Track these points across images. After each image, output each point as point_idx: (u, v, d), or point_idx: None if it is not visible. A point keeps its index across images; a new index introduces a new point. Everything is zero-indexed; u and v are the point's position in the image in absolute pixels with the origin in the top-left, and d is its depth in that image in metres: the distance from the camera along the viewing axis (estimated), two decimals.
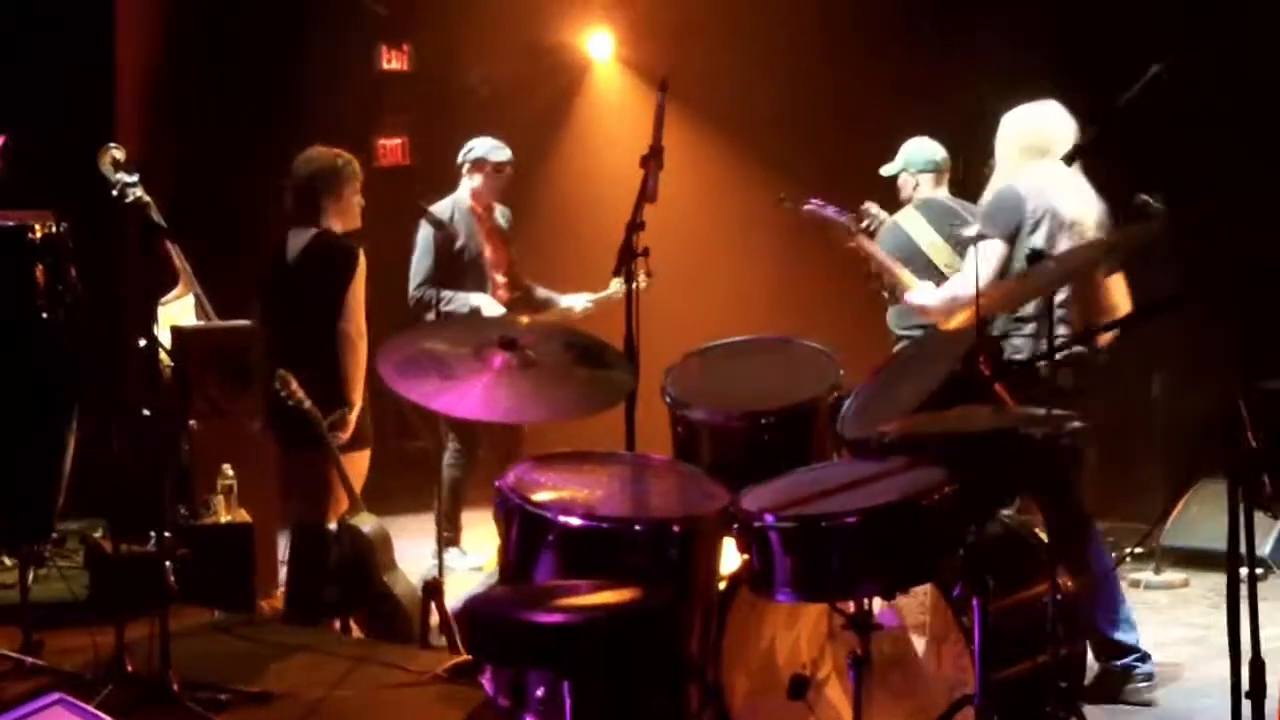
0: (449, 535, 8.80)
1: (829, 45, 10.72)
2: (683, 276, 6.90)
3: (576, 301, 9.27)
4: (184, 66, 10.77)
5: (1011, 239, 6.38)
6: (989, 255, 6.36)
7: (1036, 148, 6.54)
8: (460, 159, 9.21)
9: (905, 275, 7.35)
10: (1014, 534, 5.43)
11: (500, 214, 9.14)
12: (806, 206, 7.56)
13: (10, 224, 5.61)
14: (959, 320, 5.35)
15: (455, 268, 8.74)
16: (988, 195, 6.62)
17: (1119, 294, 6.51)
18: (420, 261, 8.79)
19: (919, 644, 5.40)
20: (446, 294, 8.44)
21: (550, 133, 11.96)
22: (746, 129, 11.17)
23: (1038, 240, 6.29)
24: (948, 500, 4.53)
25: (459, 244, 8.82)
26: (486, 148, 9.20)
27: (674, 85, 5.72)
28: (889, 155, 8.37)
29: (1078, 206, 6.43)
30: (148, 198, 7.75)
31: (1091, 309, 6.37)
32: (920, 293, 7.10)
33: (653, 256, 5.52)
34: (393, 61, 11.90)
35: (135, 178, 7.79)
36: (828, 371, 5.55)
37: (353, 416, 7.16)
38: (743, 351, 5.93)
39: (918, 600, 5.25)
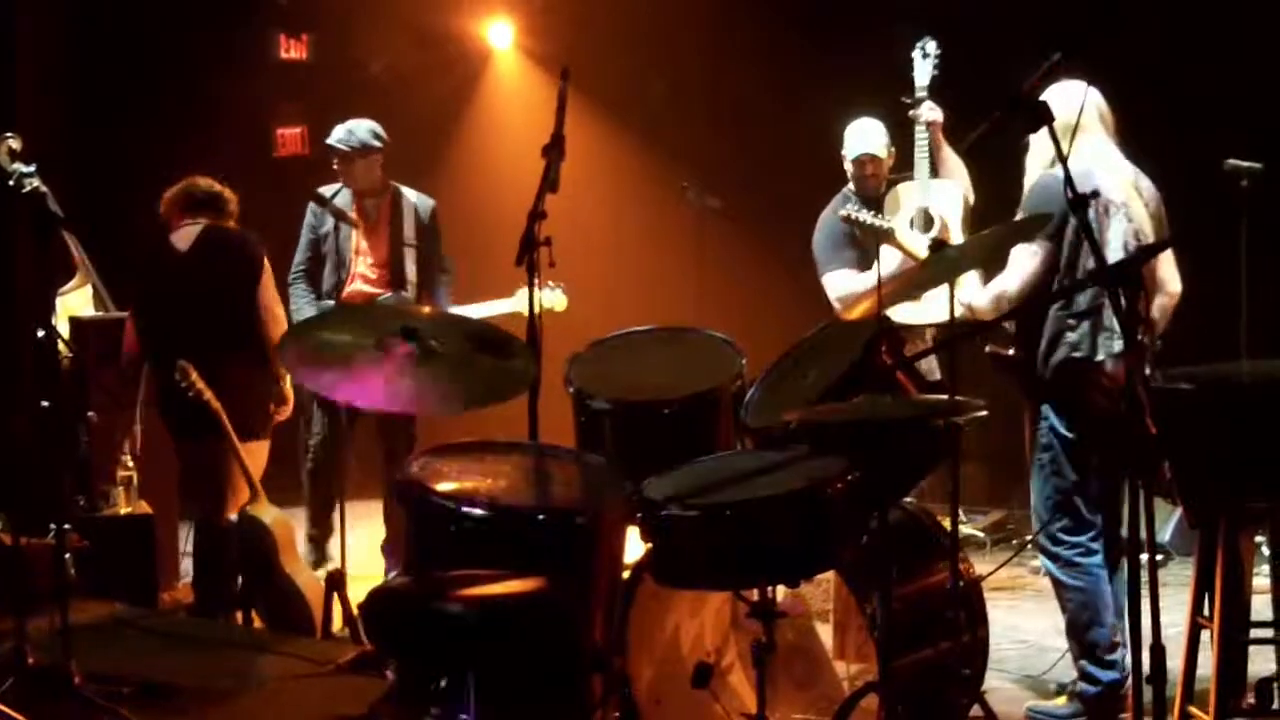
0: (315, 533, 8.66)
1: (727, 34, 10.77)
2: (585, 266, 6.90)
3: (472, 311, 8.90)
4: (83, 55, 10.68)
5: (1060, 232, 6.01)
6: (1031, 250, 6.04)
7: (1068, 127, 6.19)
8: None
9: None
10: (916, 522, 5.48)
11: (409, 205, 8.77)
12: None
13: None
14: (862, 309, 5.38)
15: (316, 253, 8.56)
16: (1027, 194, 6.19)
17: (1168, 269, 6.22)
18: (298, 252, 8.63)
19: (822, 632, 5.45)
20: (296, 298, 8.38)
21: (451, 122, 11.93)
22: (647, 118, 11.20)
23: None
24: (850, 488, 4.57)
25: (324, 229, 8.56)
26: (333, 134, 8.70)
27: (575, 74, 5.72)
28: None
29: (1125, 187, 6.19)
30: (45, 188, 7.67)
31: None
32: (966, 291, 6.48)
33: (555, 245, 5.51)
34: (291, 51, 11.80)
35: (32, 168, 7.71)
36: (730, 361, 5.58)
37: (288, 387, 7.19)
38: (645, 341, 5.95)
39: (821, 588, 5.30)
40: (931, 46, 7.85)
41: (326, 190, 8.37)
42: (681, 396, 5.41)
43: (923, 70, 7.86)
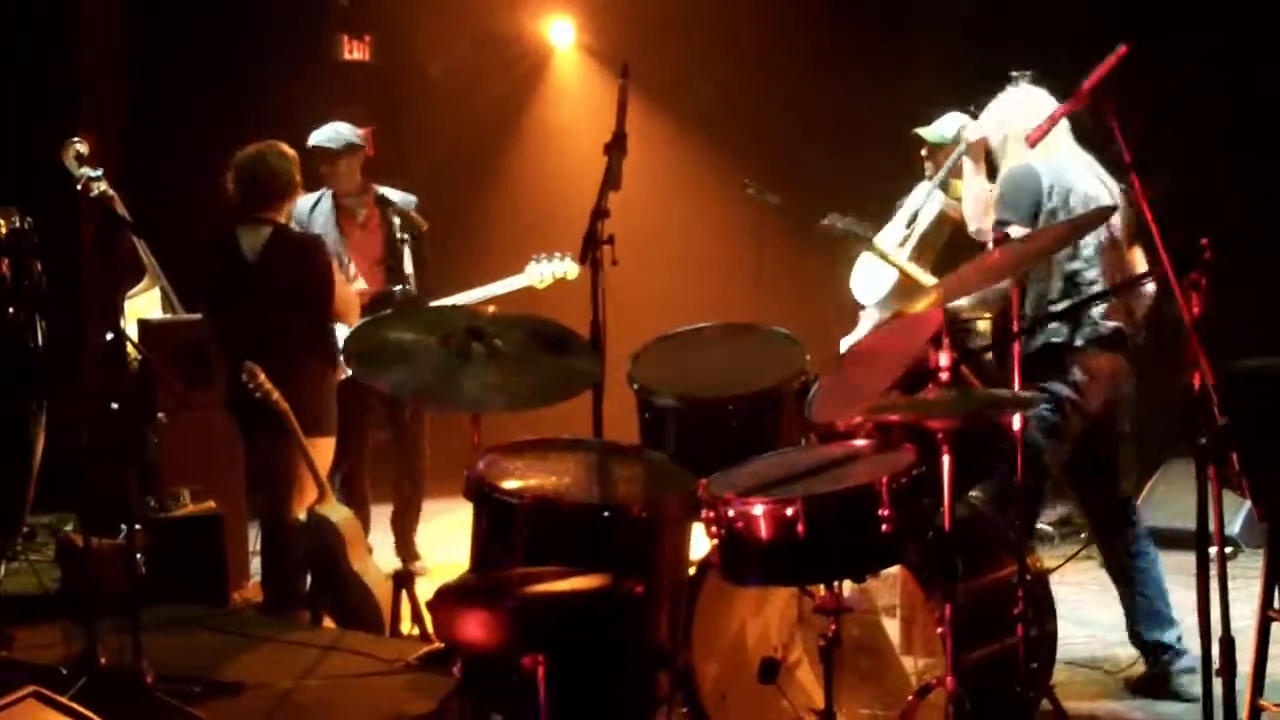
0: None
1: (788, 29, 10.76)
2: (648, 263, 6.91)
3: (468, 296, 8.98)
4: (145, 58, 10.75)
5: (1034, 221, 6.15)
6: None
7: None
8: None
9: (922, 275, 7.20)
10: (982, 516, 5.46)
11: (395, 206, 8.78)
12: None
13: None
14: (925, 304, 5.36)
15: None
16: (1001, 181, 6.36)
17: (1141, 267, 6.35)
18: None
19: (889, 627, 5.44)
20: None
21: (512, 120, 11.97)
22: (708, 114, 11.20)
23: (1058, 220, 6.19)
24: (916, 483, 4.56)
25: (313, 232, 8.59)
26: (318, 134, 8.77)
27: (636, 72, 5.72)
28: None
29: (1094, 184, 6.27)
30: (112, 191, 7.73)
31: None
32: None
33: (617, 243, 5.52)
34: (354, 52, 11.88)
35: (99, 172, 7.77)
36: (793, 356, 5.58)
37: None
38: (709, 337, 5.95)
39: (887, 583, 5.29)
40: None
41: (307, 199, 8.42)
42: (745, 393, 5.41)
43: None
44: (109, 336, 6.03)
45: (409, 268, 8.53)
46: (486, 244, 10.93)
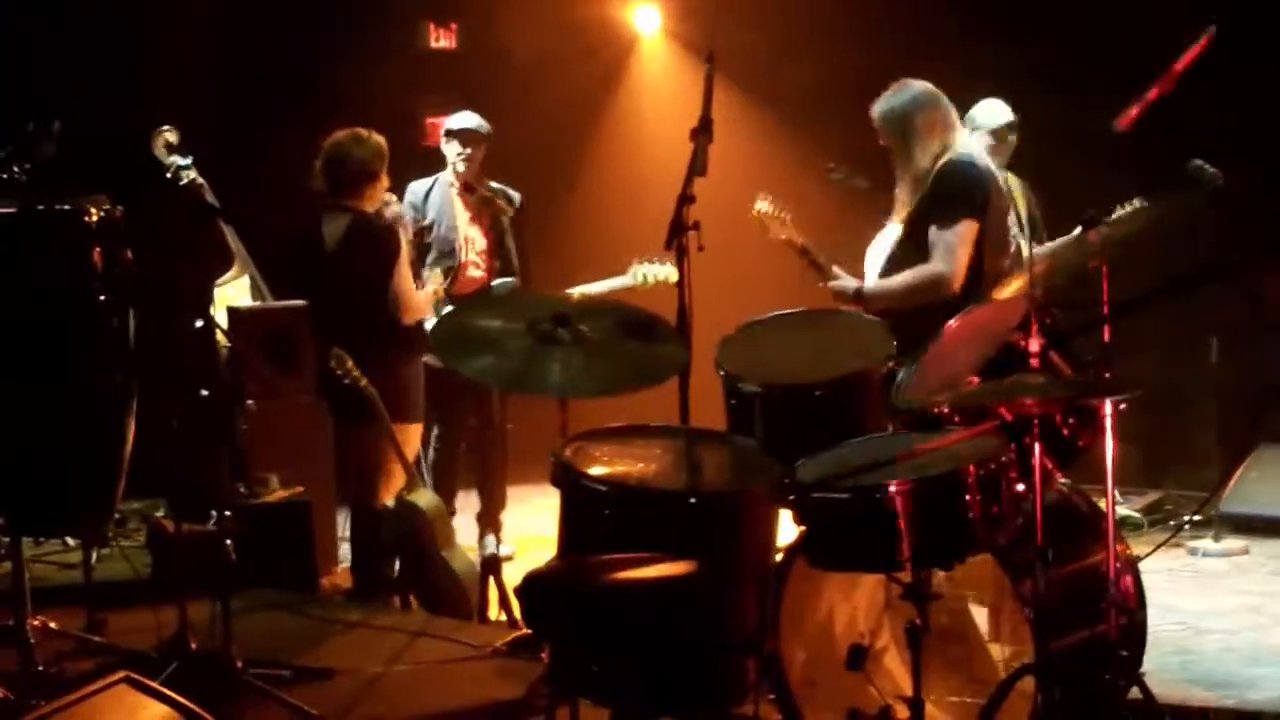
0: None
1: (873, 12, 10.71)
2: (734, 248, 6.88)
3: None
4: (232, 47, 10.82)
5: (983, 212, 6.32)
6: (962, 235, 6.27)
7: (951, 123, 6.52)
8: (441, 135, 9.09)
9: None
10: (1071, 503, 5.43)
11: (500, 195, 8.89)
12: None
13: (66, 207, 5.64)
14: (1011, 289, 5.34)
15: (420, 244, 8.70)
16: (944, 175, 6.39)
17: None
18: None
19: (977, 614, 5.41)
20: None
21: (598, 107, 11.97)
22: (795, 99, 11.16)
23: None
24: (1004, 469, 4.54)
25: (427, 220, 8.74)
26: (455, 119, 8.98)
27: (721, 57, 5.71)
28: None
29: (1000, 174, 6.41)
30: (201, 180, 7.80)
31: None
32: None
33: (704, 229, 5.51)
34: (440, 39, 11.91)
35: (189, 160, 7.83)
36: (881, 342, 5.55)
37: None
38: (796, 323, 5.93)
39: (975, 570, 5.26)
40: None
41: (422, 184, 8.54)
42: (832, 378, 5.38)
43: None
44: (199, 324, 6.08)
45: (515, 260, 8.63)
46: (571, 231, 10.97)
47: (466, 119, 8.87)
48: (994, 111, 8.20)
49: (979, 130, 8.10)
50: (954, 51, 10.12)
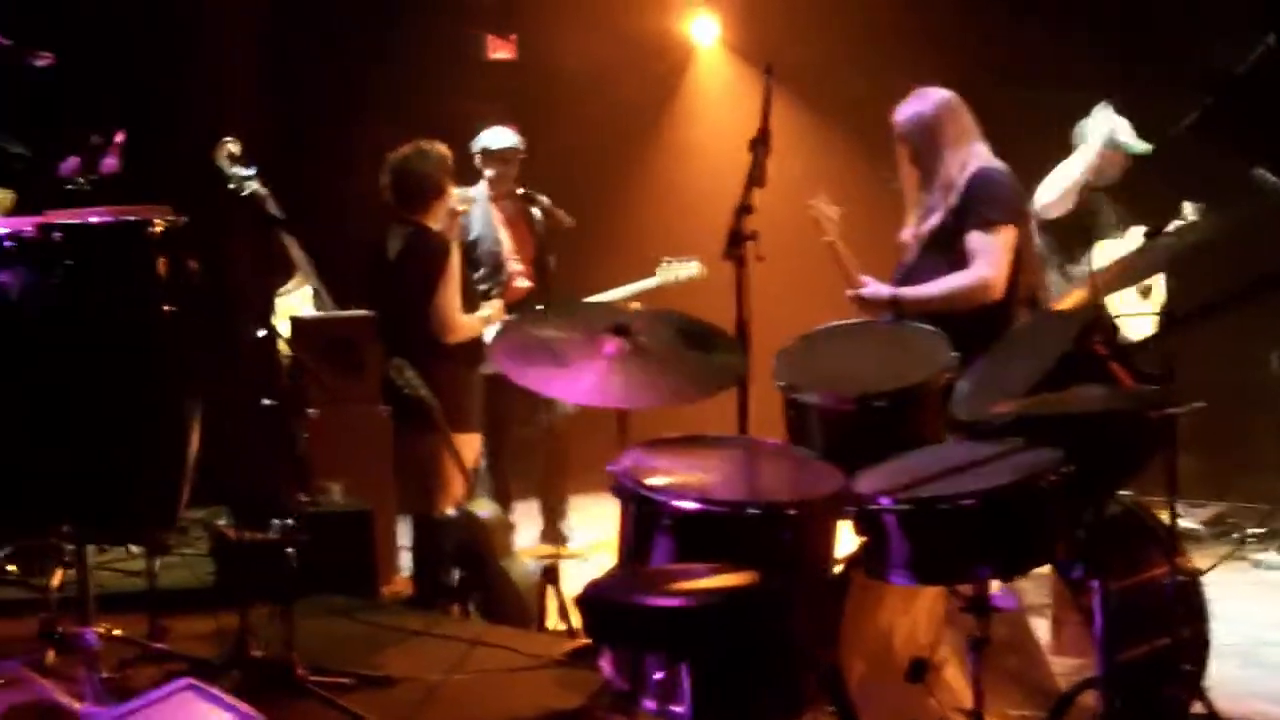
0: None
1: (931, 23, 10.70)
2: (792, 259, 6.88)
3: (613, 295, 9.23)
4: (291, 58, 10.88)
5: (1020, 221, 6.36)
6: (1005, 242, 6.31)
7: (975, 130, 6.53)
8: (473, 150, 9.20)
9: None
10: (1133, 515, 5.40)
11: (542, 207, 9.00)
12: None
13: (132, 218, 5.69)
14: (1074, 299, 5.33)
15: (469, 257, 8.79)
16: (981, 183, 6.42)
17: None
18: None
19: (1038, 627, 5.40)
20: None
21: (655, 118, 11.99)
22: (852, 110, 11.15)
23: None
24: (1065, 481, 4.52)
25: (473, 234, 8.85)
26: (488, 137, 9.16)
27: (780, 69, 5.73)
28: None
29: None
30: (264, 190, 7.84)
31: None
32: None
33: (762, 240, 5.53)
34: (499, 51, 11.96)
35: (252, 170, 7.86)
36: (940, 353, 5.53)
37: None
38: (854, 334, 5.93)
39: (1036, 583, 5.24)
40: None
41: (467, 192, 8.63)
42: (891, 389, 5.37)
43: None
44: (261, 333, 6.13)
45: (552, 270, 8.72)
46: (630, 241, 10.97)
47: (499, 137, 9.01)
48: (1111, 126, 8.25)
49: (1095, 143, 8.15)
50: (1014, 59, 10.12)
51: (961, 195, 6.36)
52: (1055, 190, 8.04)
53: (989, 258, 6.24)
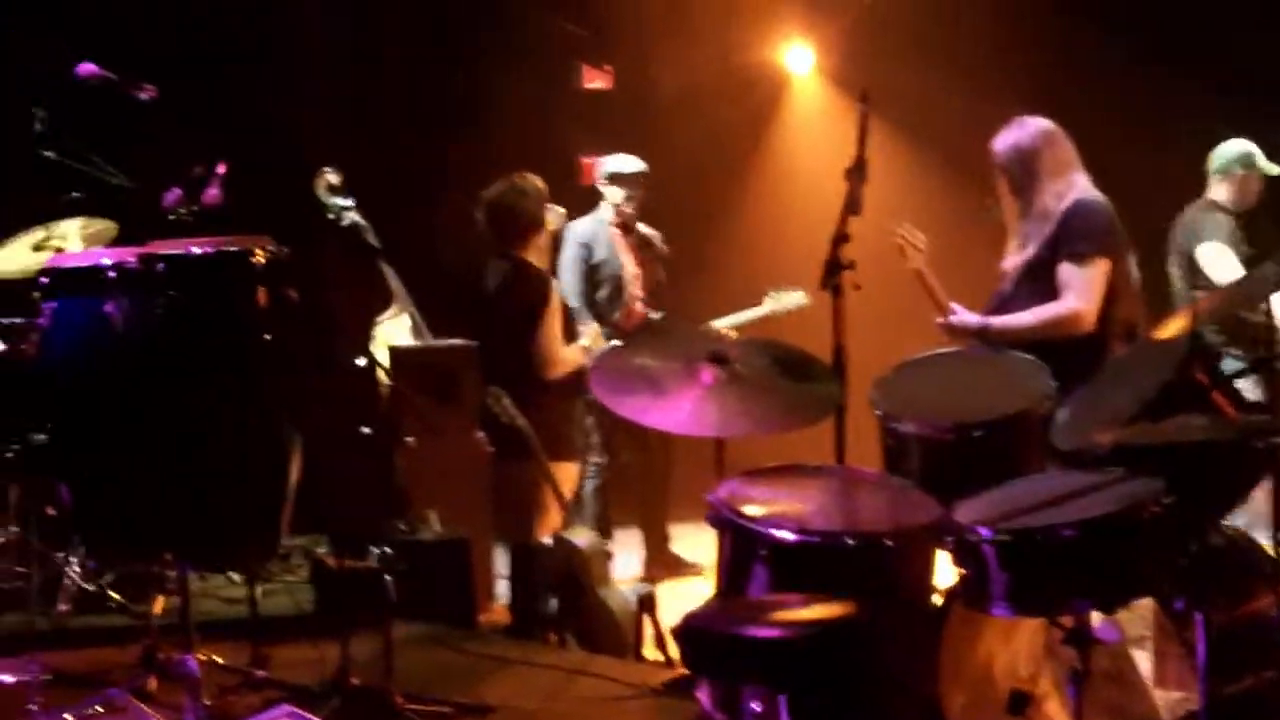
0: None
1: (1027, 51, 10.66)
2: (889, 288, 6.86)
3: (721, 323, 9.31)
4: (391, 89, 10.97)
5: (1116, 252, 6.28)
6: (1098, 273, 6.25)
7: (1073, 161, 6.47)
8: (597, 177, 9.35)
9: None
10: (1237, 545, 5.34)
11: (651, 234, 9.11)
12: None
13: (233, 249, 5.76)
14: (1175, 328, 5.28)
15: (593, 281, 8.90)
16: (1077, 214, 6.35)
17: None
18: (569, 280, 8.97)
19: (1140, 659, 5.35)
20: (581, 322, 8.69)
21: (750, 147, 11.99)
22: (949, 138, 11.11)
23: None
24: (1167, 511, 4.48)
25: (596, 259, 8.96)
26: (617, 162, 9.34)
27: (875, 96, 5.72)
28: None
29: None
30: (363, 221, 7.90)
31: None
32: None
33: (859, 268, 5.52)
34: (594, 80, 12.00)
35: (350, 201, 7.93)
36: (1039, 382, 5.50)
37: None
38: (952, 363, 5.91)
39: (1138, 614, 5.20)
40: None
41: (582, 225, 8.74)
42: (990, 419, 5.35)
43: None
44: (360, 362, 6.17)
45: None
46: (725, 270, 10.97)
47: (631, 162, 9.17)
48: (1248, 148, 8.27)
49: (1228, 171, 8.16)
50: (1112, 87, 10.06)
51: (1056, 226, 6.32)
52: (1223, 264, 8.05)
53: (1079, 290, 6.19)
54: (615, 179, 9.21)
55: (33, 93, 7.11)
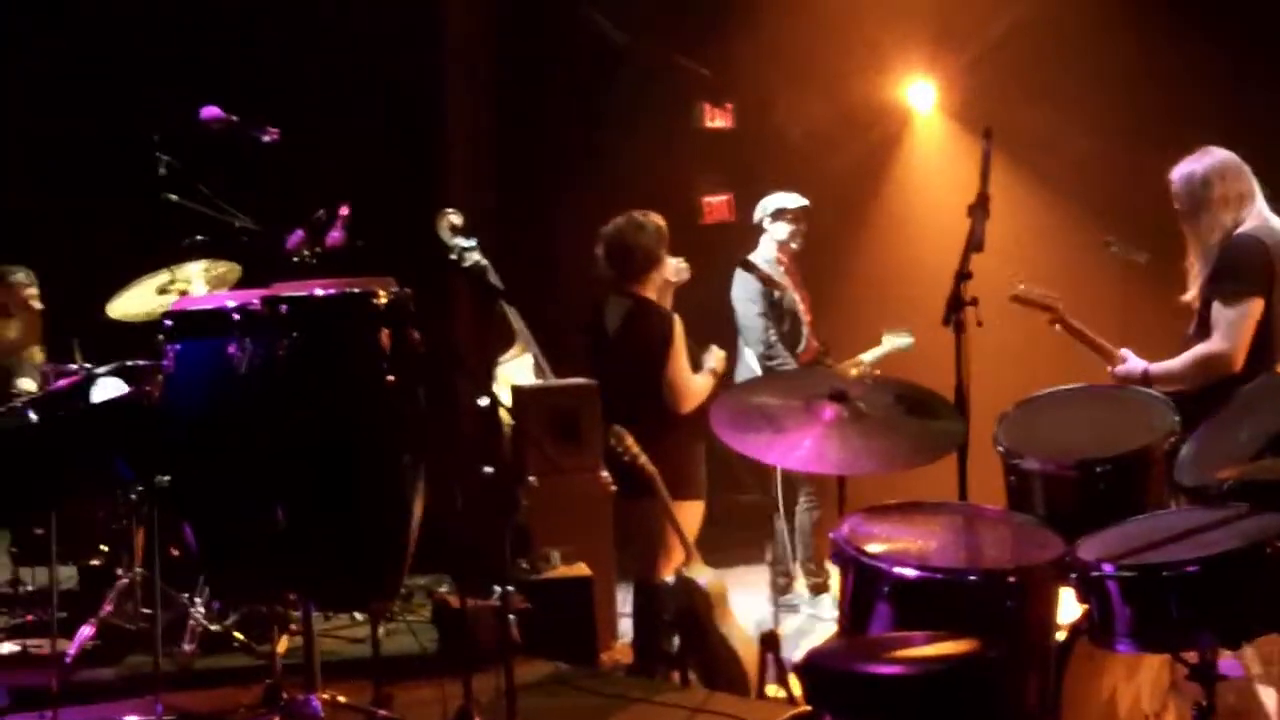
0: (784, 581, 9.09)
1: (1150, 85, 10.58)
2: (1010, 324, 6.84)
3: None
4: (511, 131, 11.07)
5: (1266, 291, 6.22)
6: (1245, 313, 6.20)
7: (1247, 196, 6.38)
8: (759, 215, 9.47)
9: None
10: None
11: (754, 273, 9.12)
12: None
13: (356, 290, 5.82)
14: None
15: (777, 313, 9.04)
16: (1228, 251, 6.32)
17: None
18: (753, 317, 9.07)
19: (1265, 695, 5.27)
20: (779, 356, 8.82)
21: (872, 185, 11.99)
22: (1070, 174, 11.06)
23: None
24: None
25: (777, 294, 9.08)
26: (781, 198, 9.60)
27: (997, 133, 5.71)
28: None
29: None
30: (485, 261, 7.97)
31: None
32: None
33: (981, 305, 5.51)
34: (716, 119, 12.03)
35: (473, 242, 8.01)
36: (1163, 418, 5.44)
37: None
38: (1076, 399, 5.85)
39: (1263, 650, 5.13)
40: None
41: (761, 259, 8.93)
42: (1114, 455, 5.30)
43: None
44: (483, 402, 6.22)
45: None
46: (850, 308, 10.96)
47: (794, 198, 9.57)
48: None
49: None
50: (1240, 122, 9.95)
51: (1214, 263, 6.28)
52: None
53: (1225, 330, 6.16)
54: (781, 214, 9.40)
55: (158, 136, 7.23)
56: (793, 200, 9.60)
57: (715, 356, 7.90)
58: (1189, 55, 10.41)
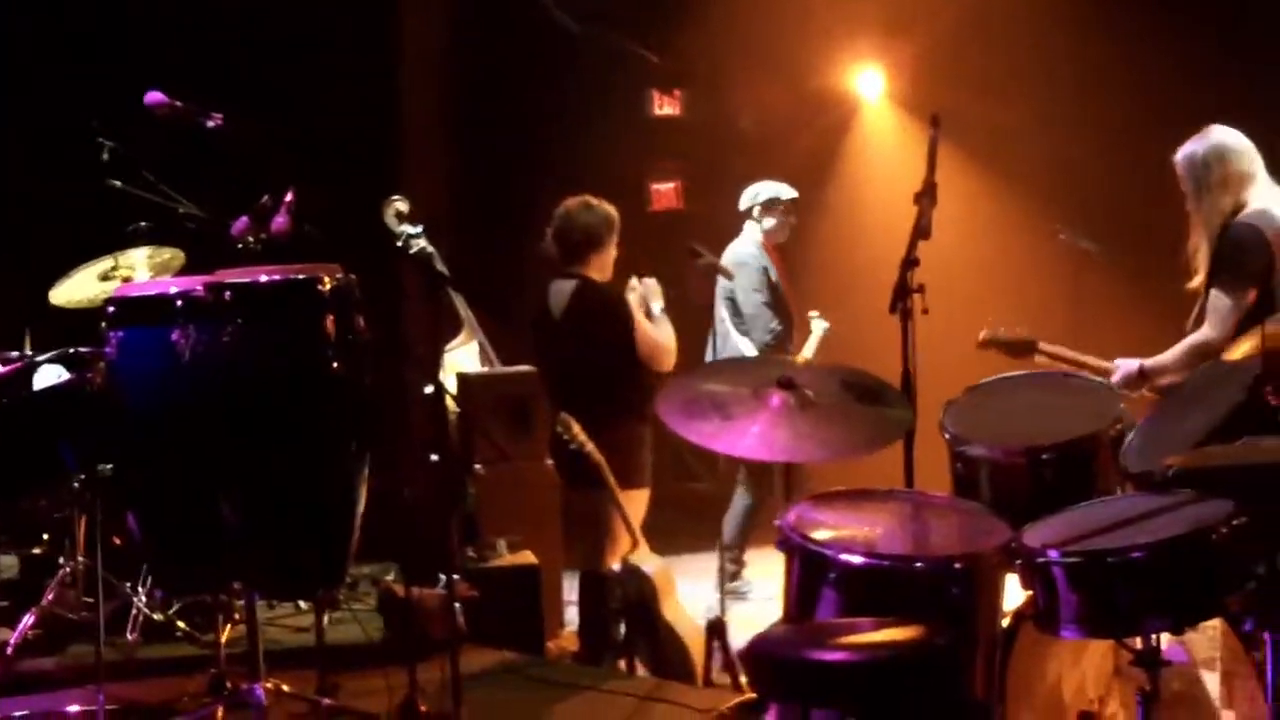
0: (734, 569, 9.04)
1: (1100, 74, 10.62)
2: (958, 311, 6.84)
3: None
4: (465, 118, 11.02)
5: (1262, 280, 6.21)
6: (1238, 304, 6.18)
7: (1248, 178, 6.36)
8: (748, 203, 9.44)
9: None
10: None
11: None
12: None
13: (301, 277, 5.78)
14: (1244, 350, 5.23)
15: (781, 307, 9.13)
16: (1226, 238, 6.29)
17: None
18: (759, 304, 9.09)
19: (1209, 680, 5.29)
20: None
21: (821, 172, 12.00)
22: (1019, 163, 11.10)
23: None
24: (1237, 533, 4.44)
25: (773, 279, 9.14)
26: (777, 188, 9.57)
27: (945, 120, 5.71)
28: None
29: None
30: (431, 248, 7.93)
31: None
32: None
33: (928, 292, 5.51)
34: (665, 107, 12.03)
35: (419, 229, 7.96)
36: (1109, 405, 5.47)
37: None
38: (1022, 386, 5.87)
39: (1207, 636, 5.14)
40: None
41: (739, 253, 8.91)
42: (1060, 442, 5.32)
43: None
44: (429, 390, 6.19)
45: None
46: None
47: (785, 190, 9.60)
48: None
49: None
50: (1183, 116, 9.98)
51: (1214, 248, 6.27)
52: None
53: (1215, 319, 6.16)
54: (773, 205, 9.38)
55: (99, 122, 7.17)
56: (786, 191, 9.61)
57: (652, 291, 7.80)
58: (1137, 44, 10.45)
